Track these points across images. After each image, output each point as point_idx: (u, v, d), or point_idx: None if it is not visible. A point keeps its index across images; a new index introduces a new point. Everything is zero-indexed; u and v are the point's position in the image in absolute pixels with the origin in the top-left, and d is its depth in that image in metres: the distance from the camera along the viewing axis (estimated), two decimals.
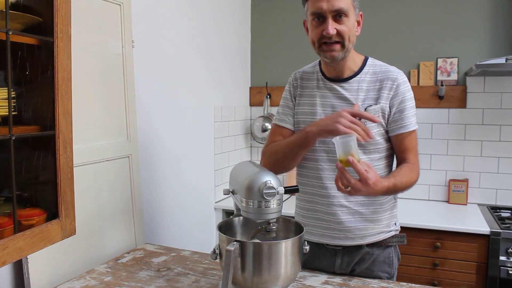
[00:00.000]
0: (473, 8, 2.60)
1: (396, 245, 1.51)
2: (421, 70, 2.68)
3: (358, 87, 1.40)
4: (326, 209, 1.44)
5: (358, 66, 1.42)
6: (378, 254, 1.46)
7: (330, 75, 1.45)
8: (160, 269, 1.47)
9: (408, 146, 1.40)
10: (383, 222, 1.45)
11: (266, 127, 2.97)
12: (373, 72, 1.41)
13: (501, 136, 2.58)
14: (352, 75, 1.42)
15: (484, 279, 2.13)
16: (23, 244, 0.99)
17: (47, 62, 1.05)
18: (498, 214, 2.40)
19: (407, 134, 1.39)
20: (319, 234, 1.47)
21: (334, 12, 1.30)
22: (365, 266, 1.45)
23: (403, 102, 1.38)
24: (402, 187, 1.33)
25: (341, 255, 1.46)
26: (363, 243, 1.43)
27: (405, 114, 1.38)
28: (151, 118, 1.98)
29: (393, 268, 1.48)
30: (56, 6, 1.03)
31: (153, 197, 2.01)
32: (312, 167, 1.45)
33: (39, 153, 1.10)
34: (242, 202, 1.15)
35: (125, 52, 1.70)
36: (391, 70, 1.41)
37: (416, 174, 1.39)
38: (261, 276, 1.12)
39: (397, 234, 1.49)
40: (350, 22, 1.32)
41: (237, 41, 2.91)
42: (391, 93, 1.38)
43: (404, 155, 1.41)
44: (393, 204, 1.49)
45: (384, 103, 1.38)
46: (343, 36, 1.32)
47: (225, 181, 2.72)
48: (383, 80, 1.39)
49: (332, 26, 1.30)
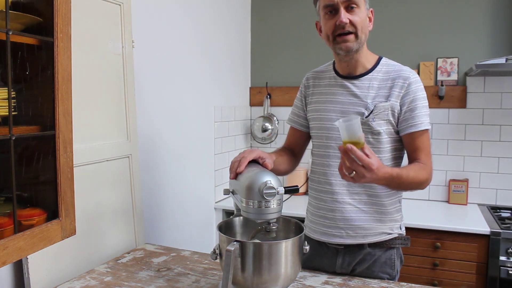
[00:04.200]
0: (473, 8, 2.60)
1: (399, 247, 1.49)
2: (421, 70, 2.68)
3: (369, 84, 1.40)
4: (329, 205, 1.45)
5: (371, 64, 1.43)
6: (379, 255, 1.45)
7: (343, 72, 1.46)
8: (160, 269, 1.47)
9: (419, 145, 1.38)
10: (386, 224, 1.44)
11: (266, 127, 2.97)
12: (386, 71, 1.41)
13: (501, 136, 2.58)
14: (364, 73, 1.42)
15: (484, 279, 2.13)
16: (23, 244, 0.99)
17: (47, 62, 1.05)
18: (498, 214, 2.40)
19: (419, 134, 1.37)
20: (321, 232, 1.48)
21: (346, 3, 1.32)
22: (365, 266, 1.45)
23: (414, 101, 1.36)
24: (408, 181, 1.29)
25: (343, 255, 1.46)
26: (364, 242, 1.43)
27: (415, 113, 1.36)
28: (151, 118, 1.98)
29: (395, 270, 1.47)
30: (56, 6, 1.03)
31: (153, 197, 2.01)
32: (319, 163, 1.49)
33: (39, 153, 1.10)
34: (242, 202, 1.15)
35: (125, 52, 1.70)
36: (403, 69, 1.40)
37: (426, 173, 1.35)
38: (261, 276, 1.12)
39: (401, 236, 1.48)
40: (362, 13, 1.35)
41: (237, 41, 2.91)
42: (402, 91, 1.37)
43: (415, 154, 1.38)
44: (397, 208, 1.48)
45: (394, 101, 1.37)
46: (356, 26, 1.33)
47: (225, 181, 2.72)
48: (395, 79, 1.38)
49: (345, 16, 1.32)
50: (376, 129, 1.37)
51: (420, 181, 1.33)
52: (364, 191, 1.42)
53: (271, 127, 2.98)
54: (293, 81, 2.95)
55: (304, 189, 2.86)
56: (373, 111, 1.37)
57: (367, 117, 1.37)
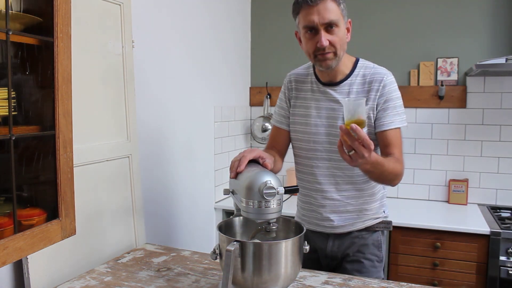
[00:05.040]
0: (473, 8, 2.60)
1: (384, 230, 1.61)
2: (421, 70, 2.68)
3: (349, 89, 1.48)
4: (320, 202, 1.56)
5: (349, 68, 1.50)
6: (367, 237, 1.58)
7: (324, 80, 1.53)
8: (160, 269, 1.47)
9: (391, 141, 1.43)
10: (373, 211, 1.57)
11: (266, 127, 2.97)
12: (363, 74, 1.48)
13: (501, 136, 2.58)
14: (344, 79, 1.49)
15: (484, 279, 2.13)
16: (23, 244, 0.99)
17: (47, 62, 1.05)
18: (498, 214, 2.40)
19: (390, 132, 1.43)
20: (314, 223, 1.61)
21: (325, 24, 1.36)
22: (356, 249, 1.57)
23: (388, 101, 1.44)
24: (388, 171, 1.32)
25: (333, 239, 1.59)
26: (353, 229, 1.56)
27: (387, 112, 1.43)
28: (151, 118, 1.98)
29: (381, 252, 1.59)
30: (56, 6, 1.03)
31: (153, 197, 2.01)
32: (307, 165, 1.58)
33: (39, 153, 1.10)
34: (242, 202, 1.15)
35: (125, 52, 1.70)
36: (378, 72, 1.47)
37: (401, 166, 1.40)
38: (261, 276, 1.12)
39: (385, 220, 1.60)
40: (341, 31, 1.39)
41: (237, 41, 2.91)
42: (377, 94, 1.44)
43: (388, 149, 1.43)
44: (382, 193, 1.60)
45: (371, 104, 1.44)
46: (335, 46, 1.39)
47: (225, 181, 2.72)
48: (371, 82, 1.46)
49: (325, 38, 1.36)
50: None
51: (397, 173, 1.37)
52: (352, 187, 1.53)
53: (271, 127, 2.97)
54: None
55: None
56: None
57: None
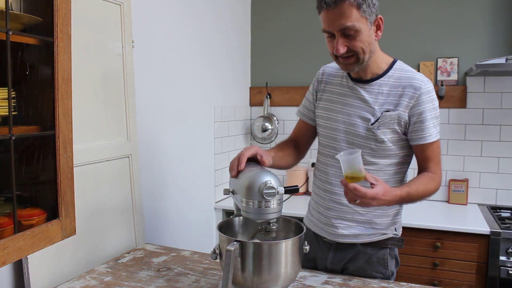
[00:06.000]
0: (473, 8, 2.60)
1: (393, 248, 1.48)
2: (421, 70, 2.68)
3: (379, 90, 1.38)
4: (327, 204, 1.47)
5: (382, 69, 1.40)
6: (372, 254, 1.45)
7: (354, 75, 1.44)
8: (160, 269, 1.47)
9: (429, 155, 1.38)
10: (382, 226, 1.45)
11: (266, 127, 2.97)
12: (398, 76, 1.38)
13: (501, 136, 2.58)
14: (375, 78, 1.40)
15: (484, 279, 2.13)
16: (23, 244, 0.99)
17: (47, 62, 1.05)
18: (498, 214, 2.39)
19: (428, 145, 1.37)
20: (319, 227, 1.51)
21: (341, 31, 1.28)
22: (358, 264, 1.46)
23: (424, 113, 1.34)
24: (418, 196, 1.32)
25: (334, 250, 1.48)
26: (356, 241, 1.45)
27: (425, 125, 1.34)
28: (151, 118, 1.98)
29: (388, 270, 1.46)
30: (56, 6, 1.03)
31: (153, 197, 2.01)
32: (323, 162, 1.50)
33: (39, 153, 1.10)
34: (242, 202, 1.15)
35: (125, 52, 1.70)
36: (416, 78, 1.36)
37: (435, 184, 1.37)
38: (261, 276, 1.12)
39: (395, 237, 1.47)
40: (363, 35, 1.28)
41: (237, 41, 2.91)
42: (411, 102, 1.34)
43: (425, 164, 1.40)
44: (397, 210, 1.47)
45: (402, 111, 1.35)
46: (356, 50, 1.30)
47: (225, 181, 2.72)
48: (405, 87, 1.35)
49: (342, 45, 1.28)
50: (380, 137, 1.36)
51: (430, 193, 1.36)
52: None
53: (271, 127, 2.98)
54: (293, 81, 2.95)
55: (304, 189, 2.86)
56: (379, 119, 1.36)
57: (373, 124, 1.36)
